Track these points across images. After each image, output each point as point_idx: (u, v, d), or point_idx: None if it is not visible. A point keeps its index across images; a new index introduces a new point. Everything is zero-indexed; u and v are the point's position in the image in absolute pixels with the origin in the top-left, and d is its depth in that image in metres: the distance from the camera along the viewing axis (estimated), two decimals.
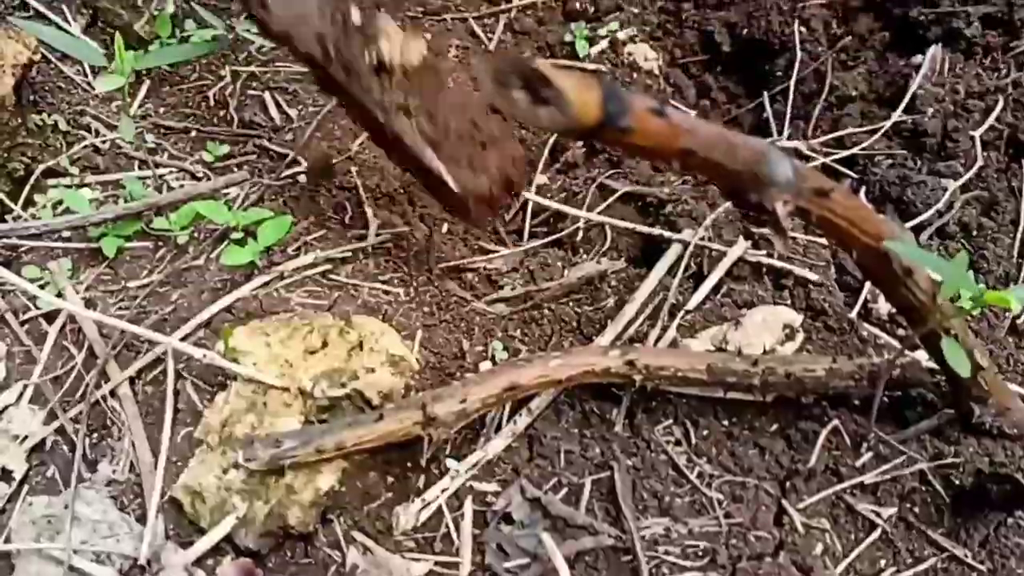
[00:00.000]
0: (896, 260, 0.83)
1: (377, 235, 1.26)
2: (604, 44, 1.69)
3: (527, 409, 1.04)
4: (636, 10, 1.71)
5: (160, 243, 1.26)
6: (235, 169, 1.37)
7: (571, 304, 1.21)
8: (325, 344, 1.05)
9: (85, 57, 1.37)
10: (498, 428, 1.04)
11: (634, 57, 1.66)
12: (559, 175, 1.55)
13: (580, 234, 1.37)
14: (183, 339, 1.10)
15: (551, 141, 1.55)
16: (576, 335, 1.16)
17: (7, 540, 0.99)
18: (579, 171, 1.54)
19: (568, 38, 1.68)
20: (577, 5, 1.72)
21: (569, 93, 0.59)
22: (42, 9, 1.54)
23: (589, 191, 1.44)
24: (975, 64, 1.50)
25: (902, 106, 1.45)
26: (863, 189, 1.39)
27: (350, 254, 1.22)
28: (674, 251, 1.24)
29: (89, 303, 1.17)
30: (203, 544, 0.97)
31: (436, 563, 0.97)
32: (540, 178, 1.54)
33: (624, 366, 0.98)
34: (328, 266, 1.20)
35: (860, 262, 0.91)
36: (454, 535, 0.99)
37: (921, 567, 0.94)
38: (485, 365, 1.12)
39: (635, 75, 1.65)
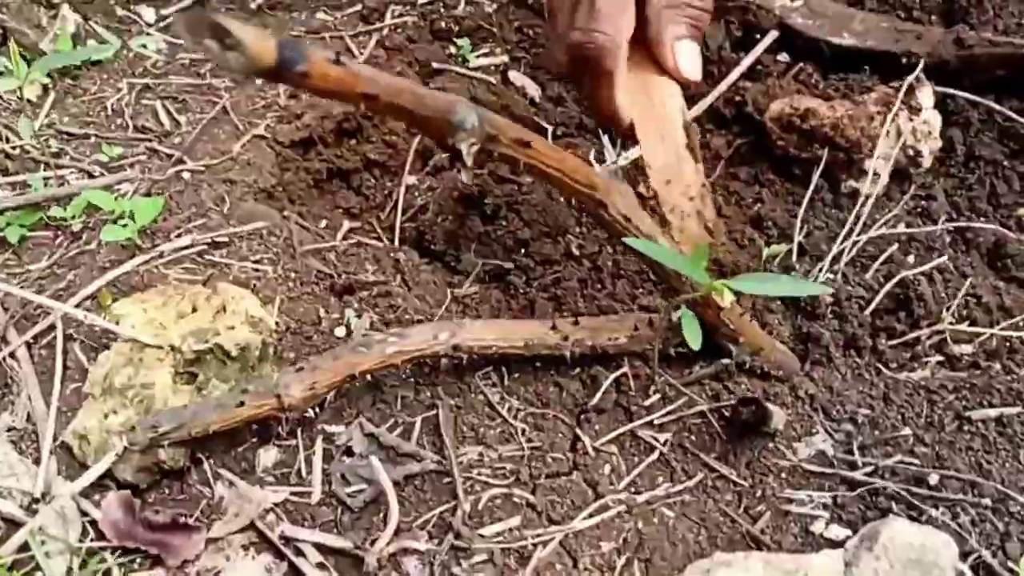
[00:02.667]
0: (613, 208, 1.03)
1: (252, 224, 1.43)
2: (486, 61, 1.89)
3: None
4: (495, 30, 1.91)
5: (58, 231, 1.42)
6: (127, 168, 1.53)
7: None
8: (195, 309, 1.22)
9: None
10: None
11: (523, 86, 1.86)
12: (428, 176, 1.74)
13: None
14: (74, 307, 1.26)
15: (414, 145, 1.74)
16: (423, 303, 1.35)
17: None
18: (445, 174, 1.73)
19: (452, 51, 1.88)
20: (443, 24, 1.91)
21: (247, 41, 0.76)
22: None
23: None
24: None
25: None
26: None
27: (226, 239, 1.39)
28: None
29: None
30: (88, 476, 1.13)
31: (292, 493, 1.14)
32: (409, 179, 1.72)
33: (451, 349, 1.15)
34: (204, 247, 1.37)
35: (580, 209, 1.08)
36: (304, 470, 1.16)
37: (692, 482, 1.13)
38: (340, 331, 1.29)
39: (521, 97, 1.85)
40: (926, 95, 1.51)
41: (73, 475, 1.15)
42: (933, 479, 1.07)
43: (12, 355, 1.24)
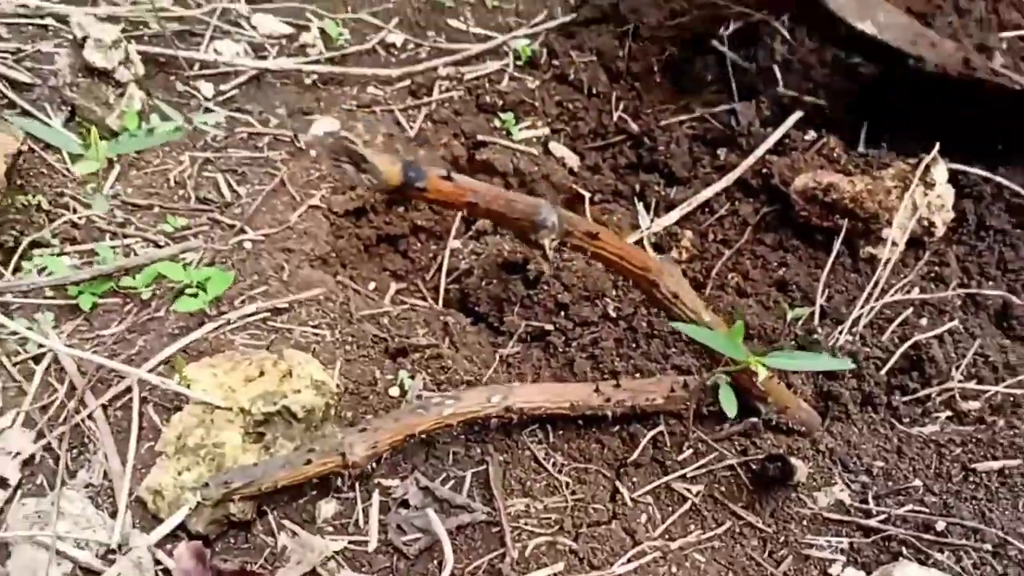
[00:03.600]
0: (663, 286, 1.13)
1: (311, 291, 1.54)
2: (528, 134, 2.01)
3: None
4: (537, 104, 2.03)
5: (128, 299, 1.53)
6: (191, 238, 1.65)
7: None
8: (262, 373, 1.33)
9: (65, 146, 1.66)
10: None
11: (562, 157, 1.98)
12: (471, 240, 1.85)
13: None
14: (148, 372, 1.36)
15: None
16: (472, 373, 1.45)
17: (5, 531, 1.23)
18: (487, 238, 1.84)
19: (497, 124, 2.00)
20: (487, 99, 2.03)
21: (379, 165, 0.89)
22: (27, 107, 1.82)
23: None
24: None
25: None
26: None
27: (286, 306, 1.50)
28: None
29: (69, 347, 1.43)
30: (163, 529, 1.23)
31: (350, 542, 1.24)
32: (454, 243, 1.84)
33: (503, 410, 1.26)
34: (267, 314, 1.47)
35: (636, 287, 1.21)
36: (362, 520, 1.25)
37: (721, 530, 1.22)
38: (394, 390, 1.39)
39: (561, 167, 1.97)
40: (940, 171, 1.62)
41: (147, 527, 1.25)
42: (940, 526, 1.16)
43: (90, 416, 1.34)
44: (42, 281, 1.49)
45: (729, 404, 1.15)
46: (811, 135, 1.84)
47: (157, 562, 1.23)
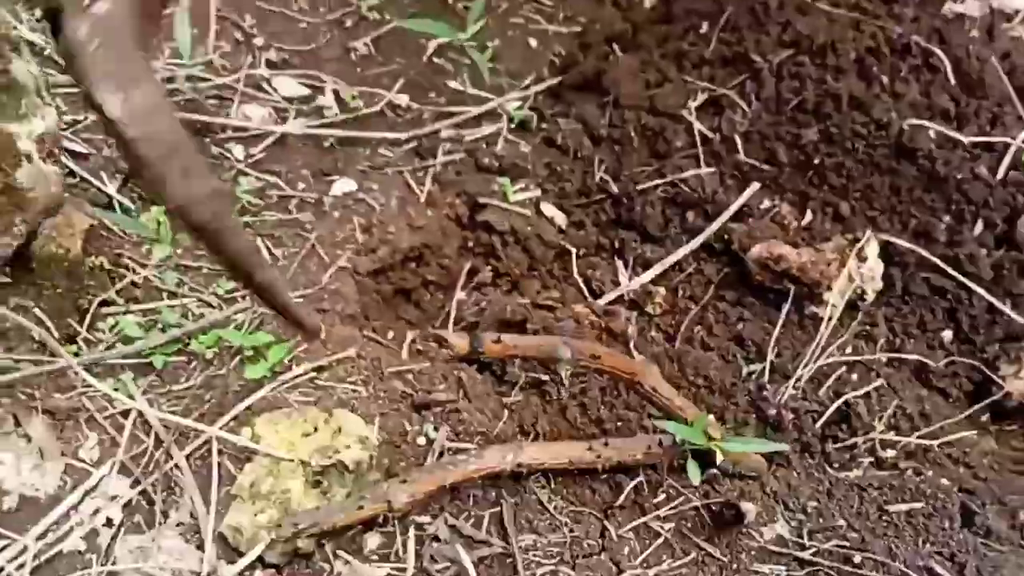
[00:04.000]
0: (645, 383, 1.46)
1: (346, 351, 1.84)
2: (523, 196, 2.30)
3: None
4: (529, 167, 2.32)
5: (192, 357, 1.82)
6: (239, 299, 1.94)
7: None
8: (316, 429, 1.63)
9: (136, 230, 1.93)
10: None
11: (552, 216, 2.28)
12: (473, 291, 2.16)
13: None
14: (221, 428, 1.66)
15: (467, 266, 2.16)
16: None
17: (114, 564, 1.53)
18: (487, 289, 2.15)
19: (495, 187, 2.29)
20: (486, 160, 2.32)
21: (455, 341, 1.20)
22: (86, 175, 2.09)
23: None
24: None
25: None
26: None
27: (326, 364, 1.80)
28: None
29: (150, 403, 1.72)
30: (243, 561, 1.53)
31: (392, 568, 1.55)
32: (460, 295, 2.14)
33: (515, 466, 1.57)
34: (313, 374, 1.77)
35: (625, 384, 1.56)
36: (401, 551, 1.56)
37: (687, 559, 1.54)
38: (420, 439, 1.70)
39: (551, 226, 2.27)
40: (872, 247, 1.94)
41: (230, 559, 1.55)
42: (856, 559, 1.49)
43: (176, 466, 1.64)
44: (127, 350, 1.77)
45: (694, 474, 1.47)
46: (766, 203, 2.15)
47: None
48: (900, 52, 2.24)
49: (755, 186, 2.15)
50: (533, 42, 2.70)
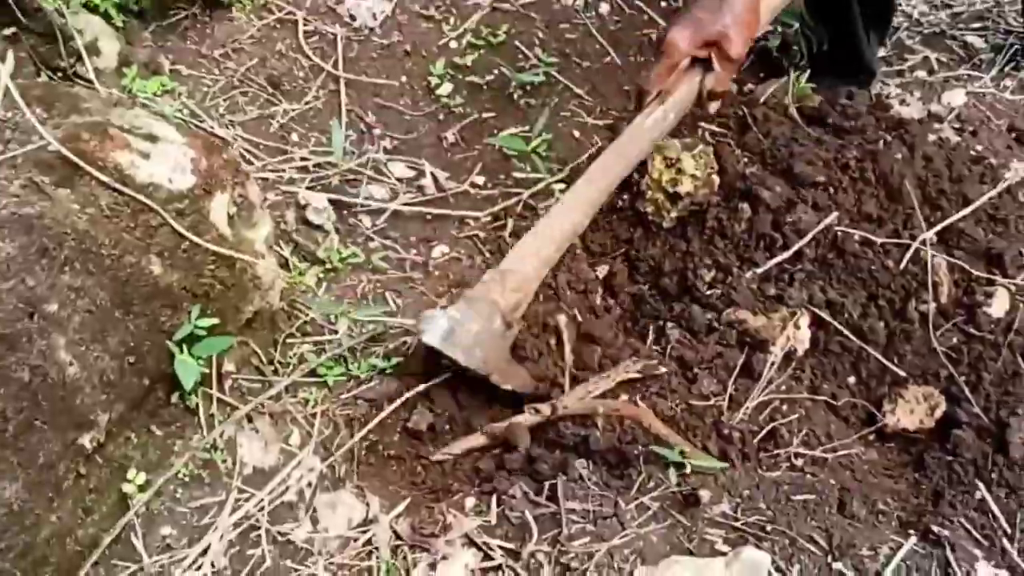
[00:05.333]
0: (645, 421, 2.39)
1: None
2: None
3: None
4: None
5: (352, 378, 2.77)
6: (382, 330, 2.88)
7: None
8: None
9: (324, 311, 2.88)
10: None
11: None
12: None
13: None
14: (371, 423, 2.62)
15: None
16: None
17: (314, 512, 2.50)
18: None
19: None
20: None
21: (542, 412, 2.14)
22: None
23: None
24: None
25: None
26: None
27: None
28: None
29: (324, 408, 2.67)
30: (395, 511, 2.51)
31: (482, 520, 2.51)
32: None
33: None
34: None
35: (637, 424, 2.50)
36: (486, 508, 2.52)
37: (665, 524, 2.50)
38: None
39: None
40: (804, 319, 2.87)
41: (385, 511, 2.52)
42: (768, 528, 2.43)
43: (349, 449, 2.60)
44: (306, 370, 2.72)
45: (672, 474, 2.42)
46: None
47: None
48: (842, 169, 3.14)
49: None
50: (577, 133, 3.59)
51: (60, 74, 2.71)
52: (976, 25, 4.29)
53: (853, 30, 3.61)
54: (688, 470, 2.48)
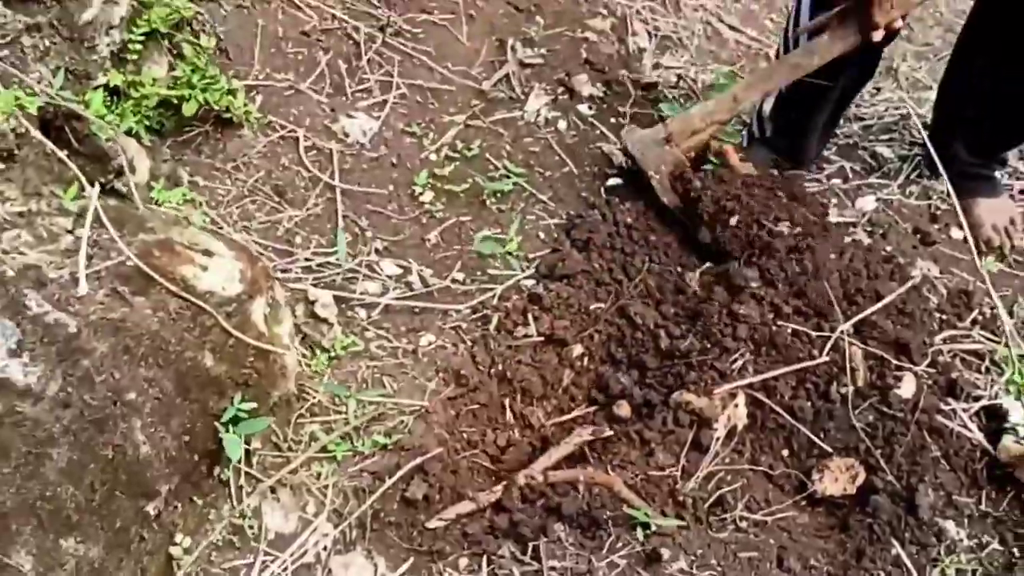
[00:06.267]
0: (615, 488, 2.84)
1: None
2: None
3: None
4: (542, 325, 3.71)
5: (358, 453, 3.17)
6: (381, 409, 3.29)
7: None
8: None
9: (335, 392, 3.30)
10: None
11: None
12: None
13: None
14: (375, 495, 3.03)
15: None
16: None
17: (328, 572, 2.88)
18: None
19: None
20: (512, 321, 3.71)
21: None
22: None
23: None
24: None
25: None
26: None
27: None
28: None
29: (335, 481, 3.07)
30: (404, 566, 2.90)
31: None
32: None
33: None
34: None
35: (608, 491, 2.95)
36: None
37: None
38: None
39: None
40: (742, 399, 3.36)
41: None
42: None
43: (357, 517, 3.00)
44: (317, 447, 3.13)
45: (639, 534, 2.87)
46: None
47: None
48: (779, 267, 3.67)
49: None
50: (542, 235, 4.08)
51: (100, 189, 3.11)
52: (885, 137, 4.84)
53: (810, 125, 4.12)
54: (652, 529, 2.93)
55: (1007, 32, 3.59)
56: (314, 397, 3.26)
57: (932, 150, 3.80)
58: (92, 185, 2.65)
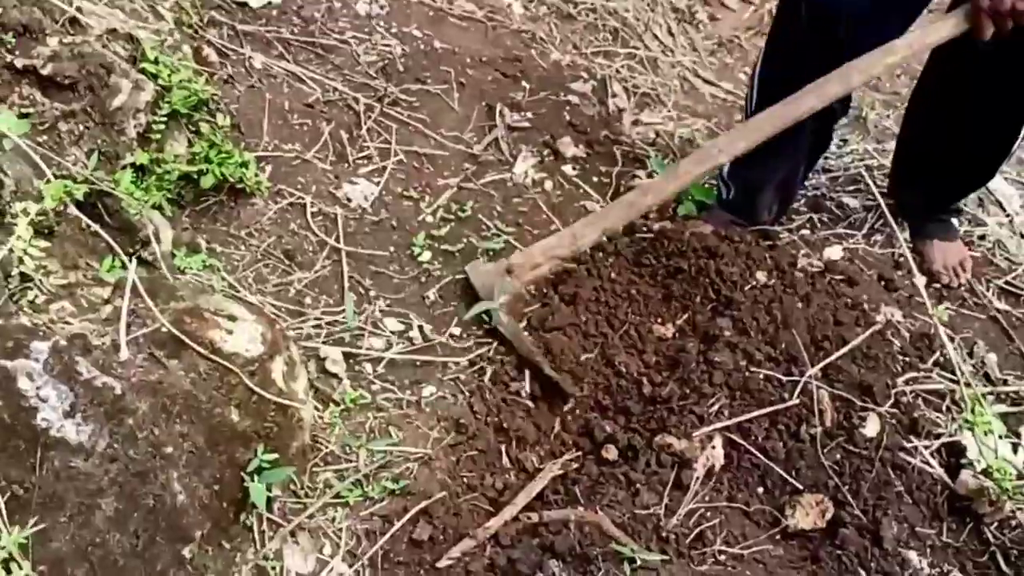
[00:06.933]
0: (603, 525, 3.12)
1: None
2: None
3: None
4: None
5: (370, 499, 3.45)
6: (389, 457, 3.58)
7: None
8: None
9: (344, 442, 3.59)
10: None
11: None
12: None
13: None
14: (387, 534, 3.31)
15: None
16: None
17: None
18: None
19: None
20: (507, 377, 4.01)
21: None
22: None
23: None
24: None
25: None
26: None
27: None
28: None
29: (349, 524, 3.35)
30: None
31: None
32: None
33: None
34: None
35: (595, 529, 3.23)
36: None
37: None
38: None
39: None
40: (719, 441, 3.66)
41: None
42: None
43: (368, 557, 3.27)
44: (331, 493, 3.41)
45: (625, 568, 3.15)
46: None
47: None
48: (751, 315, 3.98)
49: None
50: (532, 290, 4.39)
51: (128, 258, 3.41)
52: (851, 188, 5.12)
53: (764, 184, 4.31)
54: (638, 564, 3.21)
55: (955, 90, 3.88)
56: (327, 447, 3.53)
57: (883, 205, 4.15)
58: (128, 257, 2.95)
